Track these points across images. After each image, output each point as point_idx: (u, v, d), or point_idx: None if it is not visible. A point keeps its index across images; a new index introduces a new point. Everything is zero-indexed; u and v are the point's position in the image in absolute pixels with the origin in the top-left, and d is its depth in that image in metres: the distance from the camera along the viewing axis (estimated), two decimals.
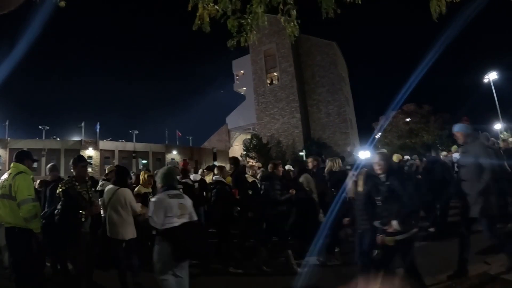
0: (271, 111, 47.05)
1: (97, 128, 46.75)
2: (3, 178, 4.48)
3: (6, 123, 42.50)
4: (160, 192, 4.12)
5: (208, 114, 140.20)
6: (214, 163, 14.21)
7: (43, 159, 38.26)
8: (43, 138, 42.98)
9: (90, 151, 44.72)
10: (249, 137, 47.20)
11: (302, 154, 36.72)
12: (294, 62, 46.10)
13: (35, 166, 6.38)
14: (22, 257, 4.27)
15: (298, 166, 8.01)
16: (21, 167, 4.48)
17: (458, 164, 5.08)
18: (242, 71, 53.50)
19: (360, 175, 4.96)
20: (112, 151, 46.94)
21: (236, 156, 9.04)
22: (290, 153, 41.64)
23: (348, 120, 44.83)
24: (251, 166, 7.74)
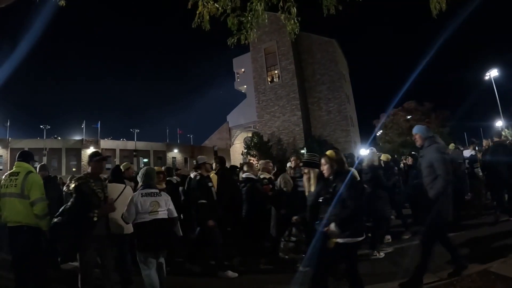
0: (272, 109, 46.99)
1: (97, 126, 46.83)
2: (5, 177, 4.49)
3: (7, 123, 42.54)
4: (138, 190, 4.63)
5: (209, 112, 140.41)
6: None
7: (44, 159, 38.34)
8: (44, 137, 43.04)
9: (91, 150, 44.74)
10: (250, 135, 47.20)
11: (303, 151, 36.69)
12: (294, 60, 46.01)
13: (36, 165, 6.44)
14: (28, 255, 4.29)
15: (277, 167, 7.96)
16: (28, 167, 4.54)
17: (417, 168, 4.98)
18: (243, 69, 53.45)
19: (313, 174, 5.02)
20: (113, 150, 46.98)
21: (222, 155, 8.91)
22: (291, 150, 41.57)
23: (348, 117, 44.74)
24: (251, 164, 7.67)
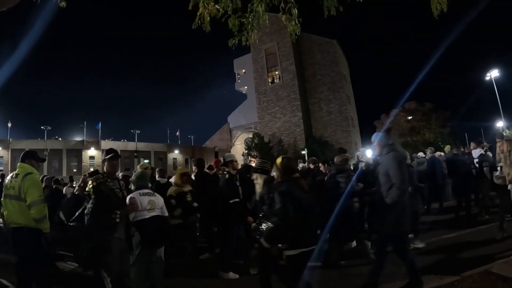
0: (273, 110, 46.99)
1: (98, 127, 46.86)
2: (9, 178, 4.48)
3: (9, 124, 42.56)
4: (134, 191, 4.90)
5: (209, 113, 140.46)
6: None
7: (45, 160, 38.34)
8: (45, 138, 43.02)
9: (92, 151, 44.83)
10: (250, 136, 47.22)
11: (304, 152, 36.70)
12: (295, 61, 46.02)
13: (39, 166, 6.37)
14: (30, 257, 4.28)
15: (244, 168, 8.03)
16: (28, 168, 4.47)
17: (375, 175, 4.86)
18: (244, 70, 53.46)
19: (260, 180, 4.70)
20: None
21: (202, 158, 8.89)
22: (292, 151, 41.59)
23: (349, 118, 44.74)
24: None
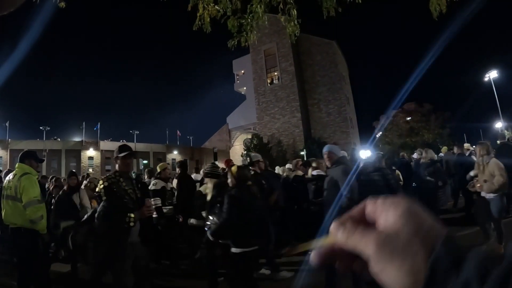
0: (272, 111, 46.97)
1: (97, 127, 46.84)
2: (8, 179, 4.47)
3: (7, 124, 42.50)
4: None
5: (208, 114, 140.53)
6: (215, 163, 14.11)
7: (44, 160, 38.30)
8: (44, 139, 42.98)
9: (91, 152, 44.80)
10: (249, 136, 47.14)
11: (303, 153, 36.69)
12: (294, 62, 46.01)
13: (38, 166, 6.30)
14: (28, 257, 4.27)
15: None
16: (25, 168, 4.46)
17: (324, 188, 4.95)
18: (243, 71, 53.42)
19: (210, 184, 5.07)
20: (113, 152, 46.21)
21: (184, 159, 9.01)
22: (291, 152, 41.58)
23: (348, 119, 44.74)
24: (319, 161, 7.77)
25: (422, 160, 8.13)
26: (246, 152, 42.36)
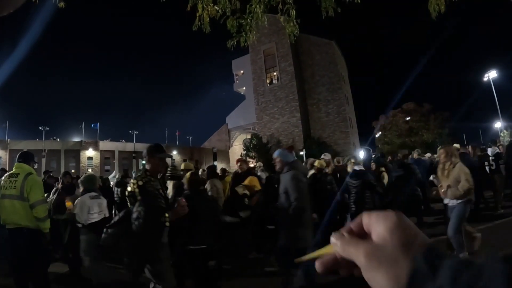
0: (271, 111, 46.99)
1: (96, 127, 46.80)
2: (5, 178, 4.46)
3: (6, 124, 42.49)
4: (82, 194, 5.36)
5: (208, 114, 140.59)
6: (214, 163, 14.27)
7: (43, 160, 38.25)
8: (43, 139, 42.95)
9: (90, 152, 44.76)
10: (249, 136, 47.21)
11: (302, 153, 36.69)
12: (293, 62, 46.03)
13: (35, 167, 6.35)
14: (29, 257, 4.26)
15: (207, 170, 7.99)
16: (28, 168, 4.48)
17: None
18: (242, 71, 53.45)
19: (171, 185, 5.48)
20: (112, 152, 46.96)
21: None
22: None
23: (348, 119, 44.75)
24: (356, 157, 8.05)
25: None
26: (245, 152, 42.44)
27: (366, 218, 0.50)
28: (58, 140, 47.20)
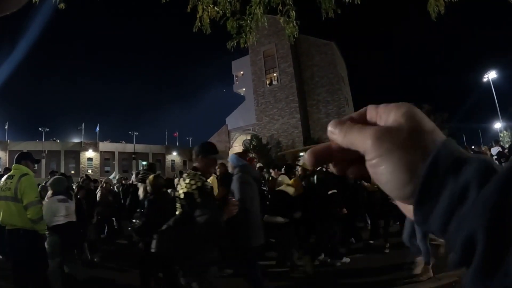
0: (271, 112, 46.95)
1: (96, 129, 46.81)
2: (3, 179, 4.45)
3: (6, 125, 42.47)
4: (50, 197, 5.42)
5: (208, 115, 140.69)
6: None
7: (43, 161, 38.27)
8: (43, 140, 42.98)
9: (90, 153, 44.77)
10: (249, 137, 47.13)
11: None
12: (293, 63, 46.00)
13: (35, 167, 6.37)
14: (27, 259, 4.26)
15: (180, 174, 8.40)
16: (23, 169, 4.46)
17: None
18: (242, 72, 53.43)
19: (142, 188, 5.64)
20: (112, 153, 46.97)
21: (153, 162, 9.39)
22: (290, 153, 41.59)
23: None
24: None
25: None
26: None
27: (373, 109, 0.45)
28: (58, 141, 47.21)
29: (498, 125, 40.28)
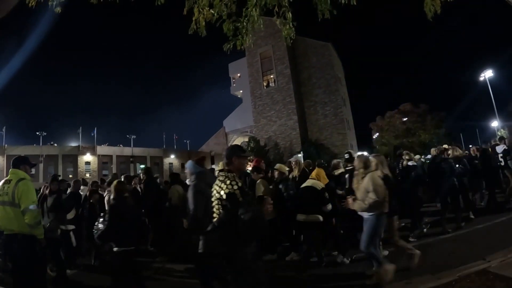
0: (268, 114, 47.04)
1: (93, 133, 46.69)
2: (1, 184, 4.43)
3: (3, 130, 42.32)
4: None
5: (205, 117, 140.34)
6: (212, 167, 14.23)
7: (41, 165, 38.17)
8: (41, 144, 42.80)
9: (88, 157, 44.64)
10: (246, 140, 47.14)
11: (300, 155, 36.70)
12: (290, 64, 46.15)
13: (33, 172, 6.34)
14: (25, 264, 4.23)
15: (170, 177, 8.61)
16: (20, 173, 4.44)
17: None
18: (239, 74, 53.52)
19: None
20: (110, 156, 46.86)
21: (149, 166, 9.59)
22: (288, 155, 41.58)
23: (345, 120, 44.85)
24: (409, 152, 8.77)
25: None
26: None
27: None
28: (56, 145, 47.03)
29: (495, 123, 40.40)
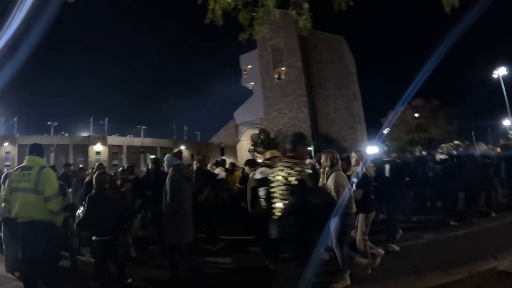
0: (279, 106, 46.92)
1: (105, 122, 46.93)
2: (17, 171, 4.43)
3: (15, 119, 42.75)
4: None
5: (216, 109, 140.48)
6: (222, 158, 14.16)
7: (52, 155, 38.51)
8: (52, 134, 43.21)
9: (99, 147, 44.94)
10: (256, 132, 47.11)
11: (310, 149, 36.60)
12: (301, 57, 45.86)
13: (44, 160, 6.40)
14: (40, 251, 4.24)
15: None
16: (41, 161, 4.48)
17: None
18: (250, 66, 53.40)
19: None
20: (120, 147, 47.13)
21: (158, 158, 9.72)
22: None
23: (355, 115, 44.57)
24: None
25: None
26: (253, 147, 42.39)
27: None
28: (67, 135, 47.43)
29: (507, 122, 39.82)
